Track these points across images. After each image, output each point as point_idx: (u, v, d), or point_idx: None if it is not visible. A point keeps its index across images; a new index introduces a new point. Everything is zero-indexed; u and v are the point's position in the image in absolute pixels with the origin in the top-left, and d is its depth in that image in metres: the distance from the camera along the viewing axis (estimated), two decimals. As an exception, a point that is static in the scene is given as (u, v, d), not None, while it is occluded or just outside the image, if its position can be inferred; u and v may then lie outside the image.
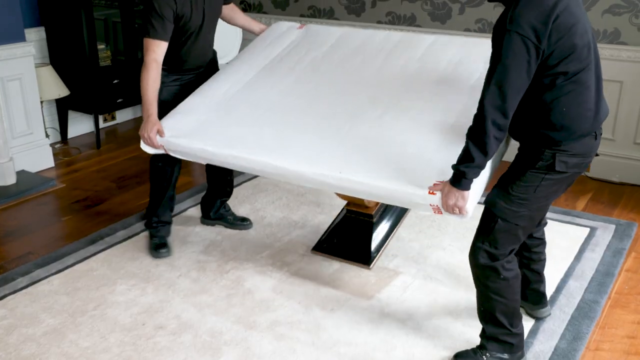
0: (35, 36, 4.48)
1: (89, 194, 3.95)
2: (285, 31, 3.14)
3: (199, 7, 2.93)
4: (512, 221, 2.13)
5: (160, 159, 3.07)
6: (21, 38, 4.08)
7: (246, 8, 5.26)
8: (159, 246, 3.17)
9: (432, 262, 3.09)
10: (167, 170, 3.12)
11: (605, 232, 3.41)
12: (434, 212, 2.16)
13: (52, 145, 4.59)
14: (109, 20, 4.94)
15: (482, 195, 2.24)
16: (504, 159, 2.44)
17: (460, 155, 2.04)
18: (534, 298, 2.61)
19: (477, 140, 1.98)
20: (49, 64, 4.51)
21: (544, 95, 2.02)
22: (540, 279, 2.58)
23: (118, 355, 2.44)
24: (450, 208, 2.09)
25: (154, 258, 3.13)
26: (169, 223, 3.27)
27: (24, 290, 2.87)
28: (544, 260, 2.58)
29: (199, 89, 2.96)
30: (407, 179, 2.19)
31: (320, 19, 4.91)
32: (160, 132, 2.71)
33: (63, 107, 4.74)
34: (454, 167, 2.05)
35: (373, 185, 2.23)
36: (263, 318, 2.66)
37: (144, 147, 2.77)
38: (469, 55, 2.78)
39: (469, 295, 2.76)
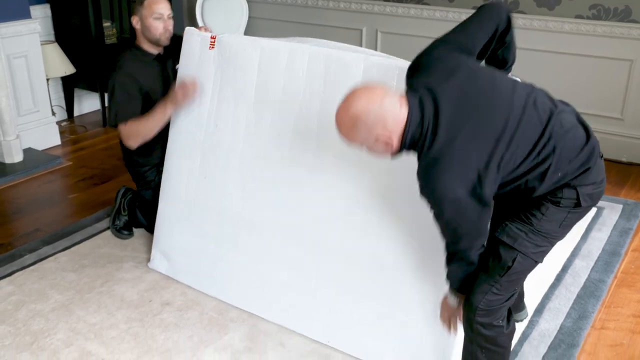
0: (41, 13, 4.46)
1: (95, 172, 3.96)
2: (200, 55, 2.59)
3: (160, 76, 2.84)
4: (532, 257, 1.84)
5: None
6: (26, 15, 4.05)
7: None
8: (124, 227, 3.16)
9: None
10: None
11: (613, 212, 3.40)
12: None
13: (58, 123, 4.59)
14: (114, -2, 4.91)
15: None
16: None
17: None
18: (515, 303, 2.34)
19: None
20: (54, 41, 4.49)
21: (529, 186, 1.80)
22: None
23: (125, 332, 2.46)
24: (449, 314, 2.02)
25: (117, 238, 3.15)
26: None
27: (31, 267, 2.89)
28: None
29: (162, 191, 2.80)
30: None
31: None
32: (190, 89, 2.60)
33: (69, 85, 4.73)
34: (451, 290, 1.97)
35: (359, 358, 2.34)
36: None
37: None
38: None
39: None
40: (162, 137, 2.79)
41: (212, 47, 2.55)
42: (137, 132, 2.72)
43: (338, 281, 2.34)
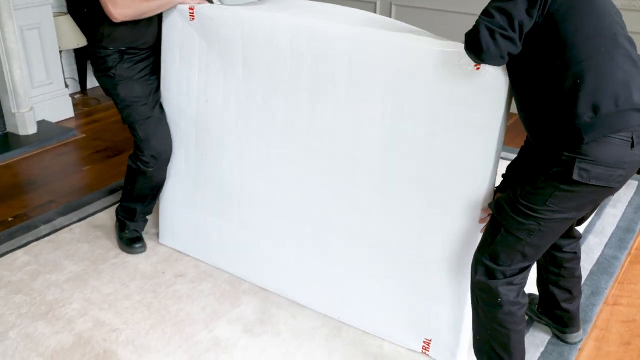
0: (53, -15, 4.44)
1: (108, 145, 3.97)
2: (182, 27, 2.45)
3: None
4: (517, 234, 1.76)
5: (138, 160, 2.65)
6: (39, -14, 4.04)
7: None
8: (133, 240, 2.82)
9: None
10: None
11: (628, 189, 3.37)
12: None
13: (71, 95, 4.60)
14: (126, -31, 4.87)
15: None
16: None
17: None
18: (563, 320, 2.25)
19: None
20: (67, 13, 4.48)
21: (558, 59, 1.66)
22: (572, 297, 2.21)
23: (139, 302, 2.48)
24: None
25: (128, 254, 2.81)
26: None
27: (46, 238, 2.92)
28: (579, 277, 2.20)
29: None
30: (403, 333, 2.28)
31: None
32: None
33: (82, 58, 4.73)
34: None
35: (369, 333, 2.36)
36: (281, 268, 2.69)
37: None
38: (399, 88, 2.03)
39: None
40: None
41: (193, 19, 2.42)
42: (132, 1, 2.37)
43: (346, 257, 2.32)
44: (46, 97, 4.23)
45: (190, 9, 2.40)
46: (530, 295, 2.29)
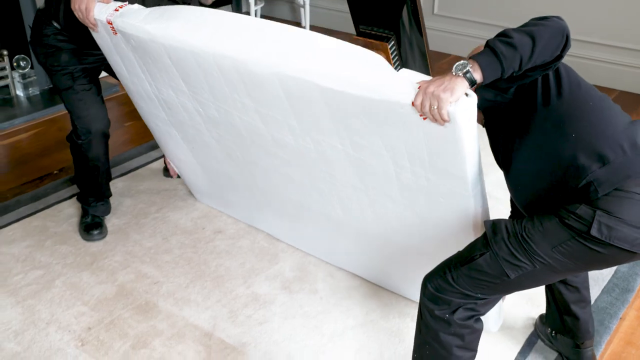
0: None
1: (150, 101, 4.00)
2: (111, 40, 2.18)
3: None
4: (503, 266, 1.49)
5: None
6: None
7: None
8: (90, 226, 2.66)
9: (491, 180, 3.02)
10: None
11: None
12: None
13: (113, 51, 4.62)
14: None
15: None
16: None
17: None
18: (573, 329, 1.95)
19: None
20: (110, -32, 4.47)
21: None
22: (581, 299, 1.91)
23: (179, 257, 2.53)
24: (429, 96, 1.43)
25: (86, 241, 2.64)
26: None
27: (90, 191, 2.98)
28: (587, 303, 1.92)
29: (165, 153, 2.76)
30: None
31: None
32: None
33: (124, 14, 4.73)
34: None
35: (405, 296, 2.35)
36: (319, 228, 2.69)
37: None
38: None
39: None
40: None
41: (116, 34, 2.11)
42: None
43: (363, 239, 2.25)
44: (89, 52, 4.26)
45: (109, 22, 2.08)
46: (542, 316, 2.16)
